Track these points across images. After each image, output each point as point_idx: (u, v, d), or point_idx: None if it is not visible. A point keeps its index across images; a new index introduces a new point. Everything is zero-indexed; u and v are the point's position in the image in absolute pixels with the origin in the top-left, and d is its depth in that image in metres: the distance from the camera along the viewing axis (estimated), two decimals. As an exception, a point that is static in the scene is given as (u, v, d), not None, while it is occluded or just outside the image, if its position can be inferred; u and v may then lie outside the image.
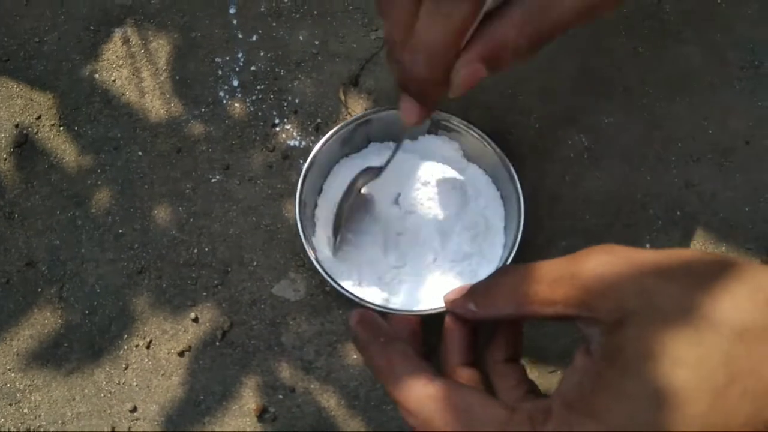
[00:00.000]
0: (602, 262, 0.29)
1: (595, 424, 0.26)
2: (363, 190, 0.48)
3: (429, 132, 0.51)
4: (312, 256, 0.45)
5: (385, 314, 0.42)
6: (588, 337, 0.29)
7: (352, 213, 0.48)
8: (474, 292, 0.35)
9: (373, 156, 0.51)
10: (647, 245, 0.50)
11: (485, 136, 0.48)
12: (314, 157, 0.47)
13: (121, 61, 0.56)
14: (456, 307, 0.36)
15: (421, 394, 0.32)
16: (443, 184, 0.49)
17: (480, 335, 0.37)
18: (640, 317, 0.26)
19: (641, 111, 0.54)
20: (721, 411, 0.24)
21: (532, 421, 0.28)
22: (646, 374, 0.25)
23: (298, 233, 0.46)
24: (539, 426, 0.28)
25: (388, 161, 0.46)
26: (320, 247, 0.47)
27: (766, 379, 0.24)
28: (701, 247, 0.50)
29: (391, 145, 0.51)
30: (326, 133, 0.48)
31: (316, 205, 0.50)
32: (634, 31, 0.56)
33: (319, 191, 0.50)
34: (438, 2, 0.32)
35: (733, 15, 0.56)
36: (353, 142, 0.51)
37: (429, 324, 0.40)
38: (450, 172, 0.50)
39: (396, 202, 0.49)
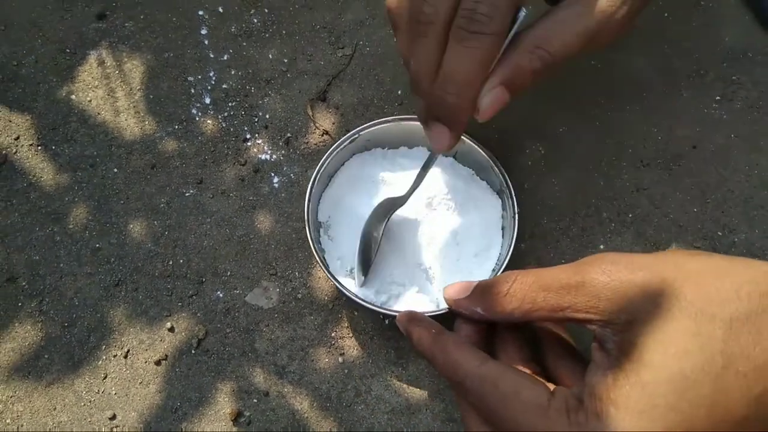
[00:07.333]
0: (606, 270, 0.34)
1: (620, 411, 0.30)
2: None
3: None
4: (319, 259, 0.47)
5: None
6: (601, 337, 0.33)
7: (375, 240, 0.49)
8: (481, 295, 0.39)
9: (379, 157, 0.53)
10: (601, 246, 0.53)
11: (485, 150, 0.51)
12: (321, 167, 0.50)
13: (96, 82, 0.59)
14: (461, 308, 0.41)
15: (476, 374, 0.36)
16: (451, 194, 0.51)
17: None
18: (646, 316, 0.31)
19: (594, 119, 0.57)
20: (722, 391, 0.29)
21: (567, 407, 0.32)
22: (659, 363, 0.30)
23: (309, 241, 0.47)
24: (573, 414, 0.32)
25: (412, 191, 0.48)
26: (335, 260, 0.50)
27: (753, 360, 0.29)
28: (652, 247, 0.52)
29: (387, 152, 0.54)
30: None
31: (323, 220, 0.51)
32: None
33: (322, 192, 0.52)
34: (462, 40, 0.36)
35: (679, 27, 0.60)
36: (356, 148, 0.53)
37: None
38: (461, 184, 0.52)
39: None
